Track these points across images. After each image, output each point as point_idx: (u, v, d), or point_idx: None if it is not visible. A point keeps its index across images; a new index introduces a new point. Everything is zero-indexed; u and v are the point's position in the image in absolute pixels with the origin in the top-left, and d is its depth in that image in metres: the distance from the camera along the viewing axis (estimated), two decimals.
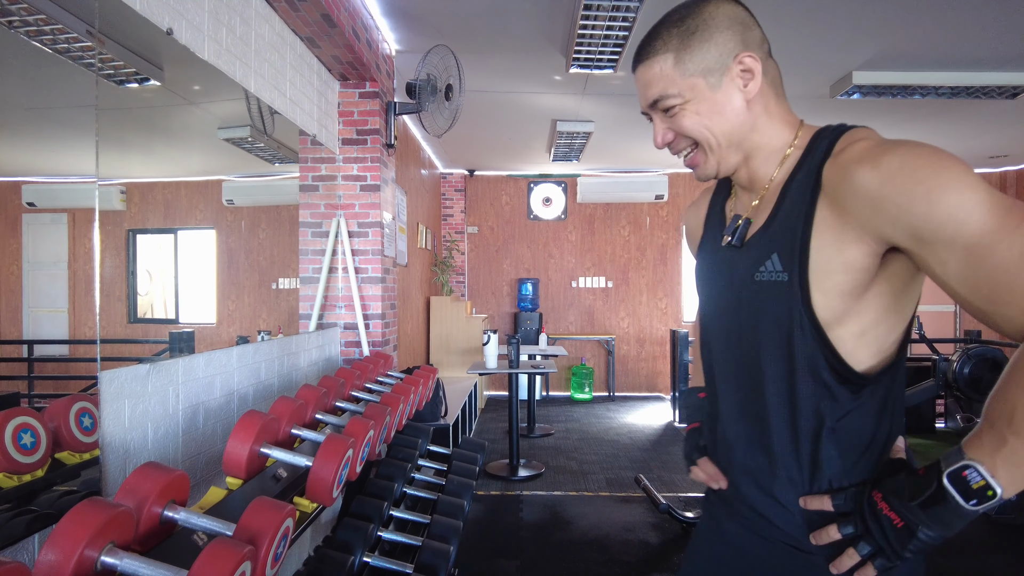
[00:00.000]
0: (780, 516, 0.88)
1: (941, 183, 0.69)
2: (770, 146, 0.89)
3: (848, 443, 0.83)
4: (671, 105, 0.87)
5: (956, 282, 0.71)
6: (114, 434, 1.33)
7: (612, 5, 2.77)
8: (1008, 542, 3.19)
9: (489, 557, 2.96)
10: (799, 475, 0.86)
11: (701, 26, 0.85)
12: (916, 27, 3.18)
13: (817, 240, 0.79)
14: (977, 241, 0.68)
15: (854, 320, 0.80)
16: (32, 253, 1.44)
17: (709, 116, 0.86)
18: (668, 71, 0.86)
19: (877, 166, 0.74)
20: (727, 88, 0.86)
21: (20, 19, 1.23)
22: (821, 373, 0.82)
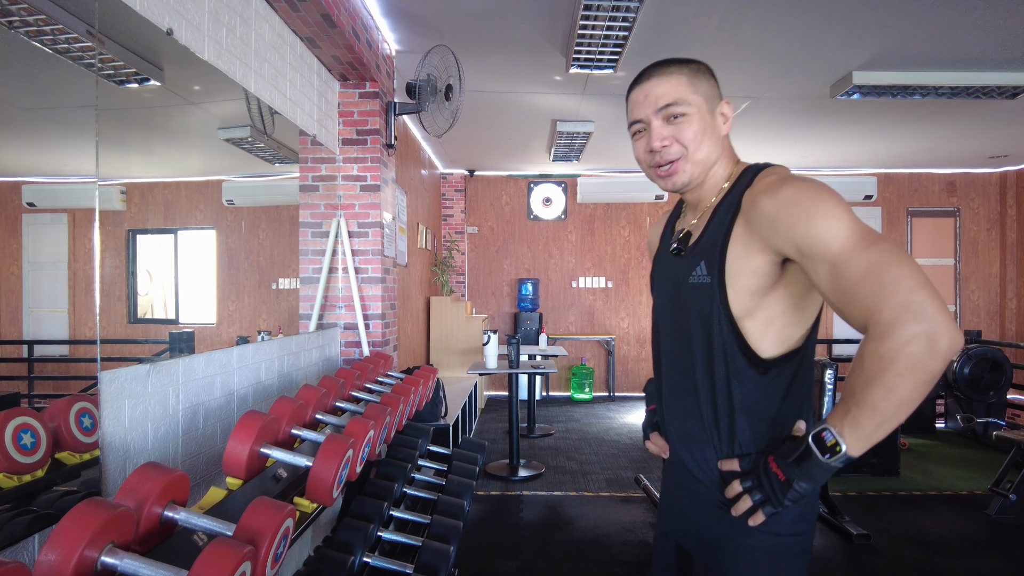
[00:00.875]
0: (706, 476, 1.10)
1: (818, 212, 0.91)
2: (718, 176, 1.12)
3: (756, 418, 1.04)
4: (681, 112, 1.07)
5: (824, 287, 0.92)
6: (114, 434, 1.33)
7: (612, 5, 2.77)
8: (1008, 542, 3.18)
9: (489, 557, 2.96)
10: (719, 443, 1.08)
11: (703, 71, 1.10)
12: (916, 27, 3.18)
13: (732, 250, 1.02)
14: (837, 258, 0.89)
15: (760, 314, 1.01)
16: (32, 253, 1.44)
17: (703, 133, 1.08)
18: (684, 85, 1.07)
19: (775, 196, 0.97)
20: (716, 120, 1.10)
21: (20, 19, 1.23)
22: (734, 358, 1.03)
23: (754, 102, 4.48)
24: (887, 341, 0.82)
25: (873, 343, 0.84)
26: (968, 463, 4.60)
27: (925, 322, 0.80)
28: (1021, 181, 6.92)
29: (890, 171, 7.05)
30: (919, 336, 0.80)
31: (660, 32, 3.23)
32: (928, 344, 0.80)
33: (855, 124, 5.05)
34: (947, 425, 5.63)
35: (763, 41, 3.37)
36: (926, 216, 7.15)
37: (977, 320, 7.11)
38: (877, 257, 0.86)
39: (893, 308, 0.82)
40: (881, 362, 0.82)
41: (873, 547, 3.08)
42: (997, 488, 3.55)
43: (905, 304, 0.81)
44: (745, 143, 5.69)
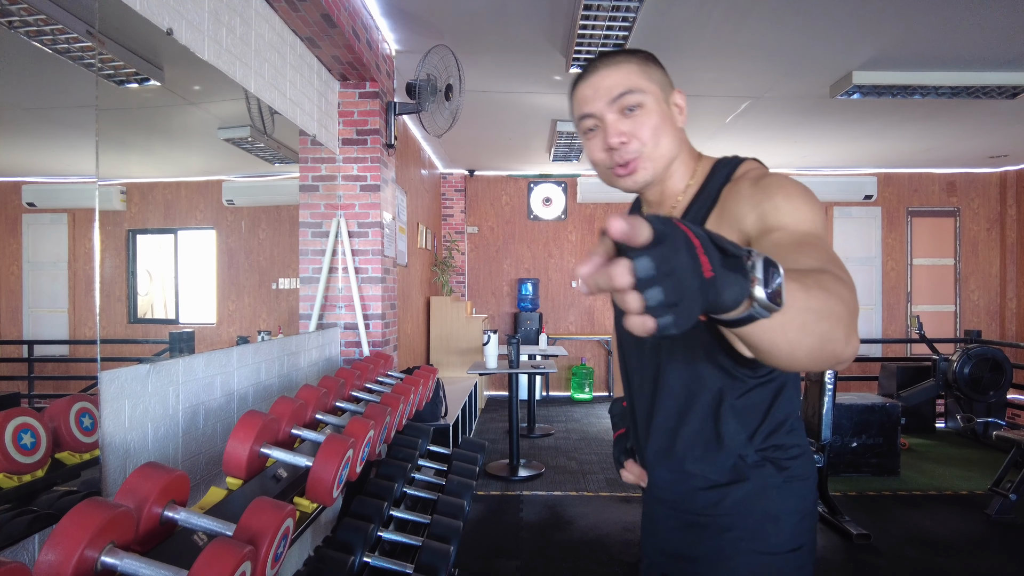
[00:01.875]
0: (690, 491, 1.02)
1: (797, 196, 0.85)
2: (679, 174, 1.02)
3: (748, 415, 0.97)
4: (637, 103, 0.96)
5: (775, 242, 0.80)
6: (114, 434, 1.33)
7: (612, 5, 2.77)
8: (1008, 542, 3.18)
9: (489, 557, 2.96)
10: (702, 450, 1.00)
11: (652, 59, 1.00)
12: (916, 27, 3.18)
13: None
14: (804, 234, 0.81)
15: None
16: (32, 253, 1.44)
17: (661, 126, 0.97)
18: (635, 73, 0.97)
19: (757, 181, 0.90)
20: (672, 110, 1.00)
21: (20, 19, 1.23)
22: (719, 359, 0.95)
23: (754, 102, 4.48)
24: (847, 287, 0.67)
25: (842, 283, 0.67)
26: (968, 463, 4.60)
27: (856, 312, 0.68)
28: (1021, 181, 6.92)
29: (890, 171, 7.05)
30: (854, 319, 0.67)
31: (660, 32, 3.23)
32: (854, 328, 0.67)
33: (855, 124, 5.05)
34: (947, 425, 5.63)
35: (763, 41, 3.37)
36: (926, 216, 7.15)
37: (977, 320, 7.11)
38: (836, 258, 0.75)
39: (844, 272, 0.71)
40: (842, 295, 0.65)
41: (873, 547, 3.08)
42: (997, 488, 3.56)
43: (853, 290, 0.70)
44: (745, 143, 5.69)
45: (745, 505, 0.98)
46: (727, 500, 0.99)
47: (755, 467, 0.98)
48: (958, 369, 4.92)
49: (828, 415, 3.31)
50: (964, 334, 5.94)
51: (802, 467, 1.00)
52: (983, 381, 4.90)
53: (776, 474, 0.98)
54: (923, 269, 7.16)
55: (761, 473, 0.98)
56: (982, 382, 4.90)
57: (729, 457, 0.98)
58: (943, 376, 5.04)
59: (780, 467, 0.98)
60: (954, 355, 5.03)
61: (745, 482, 0.98)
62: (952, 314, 7.16)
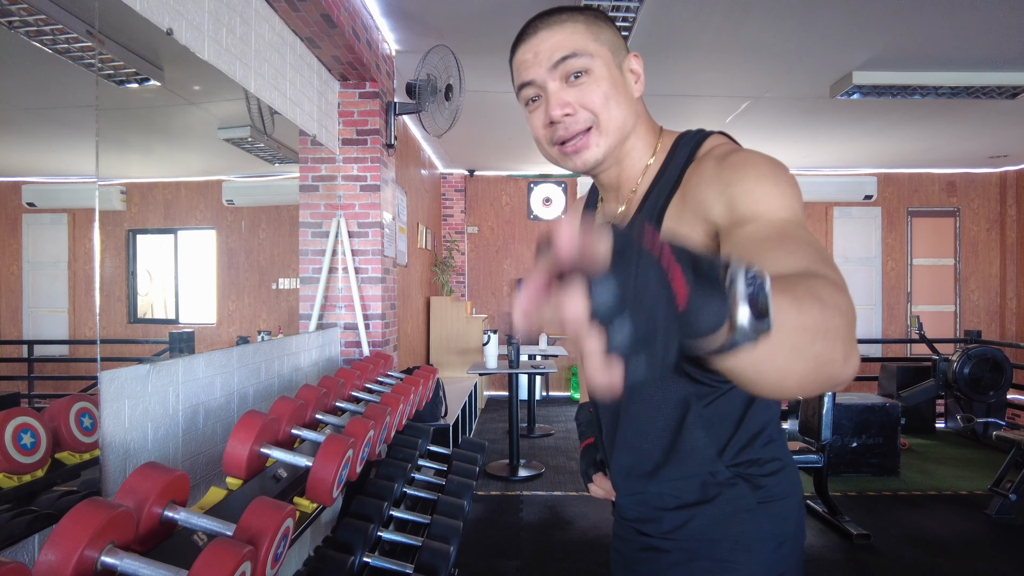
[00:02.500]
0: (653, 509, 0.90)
1: (771, 176, 0.72)
2: (638, 151, 0.89)
3: (718, 426, 0.85)
4: (583, 68, 0.82)
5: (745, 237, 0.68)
6: (114, 434, 1.33)
7: (612, 5, 2.77)
8: (1008, 542, 3.18)
9: (489, 557, 2.96)
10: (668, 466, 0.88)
11: (603, 17, 0.86)
12: (916, 27, 3.18)
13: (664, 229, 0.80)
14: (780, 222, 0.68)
15: None
16: (32, 253, 1.44)
17: (612, 94, 0.83)
18: (582, 34, 0.82)
19: (723, 159, 0.77)
20: (626, 77, 0.86)
21: (20, 19, 1.23)
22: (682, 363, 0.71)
23: (754, 102, 4.48)
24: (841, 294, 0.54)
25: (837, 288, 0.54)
26: (968, 463, 4.60)
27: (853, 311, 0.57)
28: (1021, 181, 6.92)
29: (890, 171, 7.05)
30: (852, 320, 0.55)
31: (660, 32, 3.23)
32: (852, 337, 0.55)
33: (855, 124, 5.05)
34: (947, 425, 5.63)
35: (763, 41, 3.37)
36: (926, 216, 7.15)
37: (977, 320, 7.11)
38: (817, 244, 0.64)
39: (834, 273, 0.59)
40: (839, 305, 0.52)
41: (873, 547, 3.08)
42: (997, 488, 3.56)
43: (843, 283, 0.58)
44: (745, 143, 5.65)
45: (714, 530, 0.86)
46: (693, 523, 0.87)
47: (726, 485, 0.86)
48: (958, 369, 4.92)
49: (828, 415, 3.31)
50: (964, 334, 5.94)
51: (782, 484, 0.87)
52: (983, 381, 4.90)
53: (750, 494, 0.86)
54: (923, 269, 7.17)
55: (732, 493, 0.86)
56: (982, 382, 4.90)
57: (697, 474, 0.87)
58: (943, 376, 5.04)
59: (755, 485, 0.86)
60: (954, 355, 5.03)
61: (713, 503, 0.86)
62: (952, 314, 7.16)
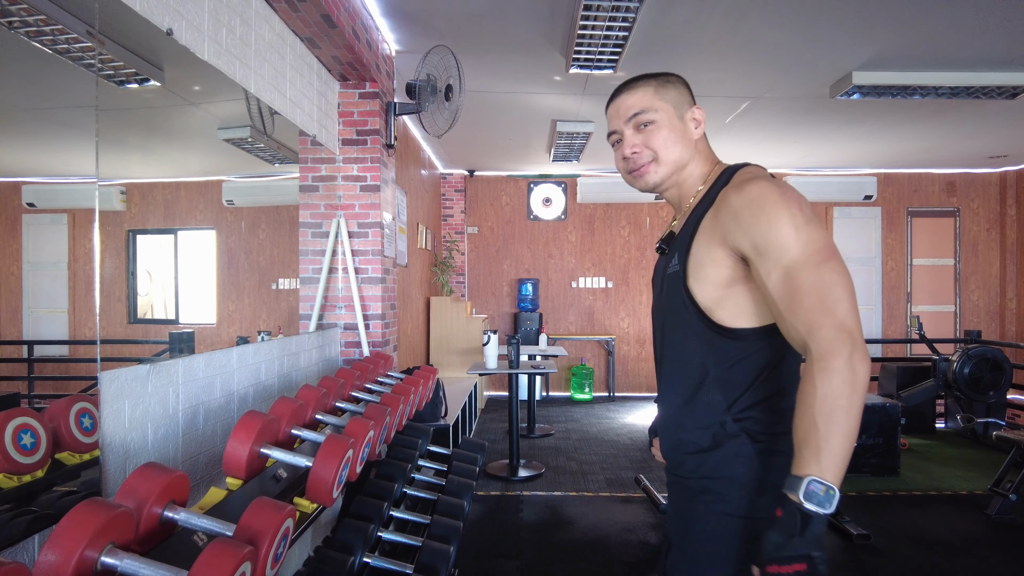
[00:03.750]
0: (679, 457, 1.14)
1: (781, 217, 0.98)
2: (694, 176, 1.20)
3: (731, 387, 1.07)
4: (649, 120, 1.16)
5: (773, 290, 0.99)
6: (114, 434, 1.33)
7: (612, 5, 2.77)
8: (1008, 542, 3.18)
9: (489, 557, 2.96)
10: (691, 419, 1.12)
11: (672, 81, 1.20)
12: (916, 27, 3.18)
13: (698, 241, 1.09)
14: (791, 266, 0.97)
15: (730, 303, 1.06)
16: (32, 253, 1.44)
17: (671, 139, 1.17)
18: (649, 95, 1.17)
19: (741, 192, 1.04)
20: (686, 124, 1.18)
21: (20, 19, 1.23)
22: (704, 333, 1.08)
23: (754, 102, 4.48)
24: (833, 374, 0.90)
25: (822, 377, 0.91)
26: (968, 463, 4.60)
27: (851, 341, 0.91)
28: (1021, 181, 6.92)
29: (890, 171, 7.06)
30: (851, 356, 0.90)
31: (660, 32, 3.23)
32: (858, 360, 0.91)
33: (855, 124, 5.05)
34: (947, 425, 5.63)
35: (763, 41, 3.37)
36: (926, 216, 7.15)
37: (977, 320, 7.11)
38: (825, 276, 0.95)
39: (831, 328, 0.92)
40: (835, 395, 0.89)
41: (873, 547, 3.08)
42: (997, 488, 3.55)
43: (840, 324, 0.92)
44: (745, 143, 5.69)
45: (718, 469, 1.08)
46: (706, 464, 1.09)
47: (731, 436, 1.07)
48: (958, 369, 4.92)
49: None
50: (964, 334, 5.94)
51: (784, 445, 1.03)
52: (983, 381, 4.90)
53: (748, 444, 1.06)
54: (923, 269, 7.16)
55: (735, 442, 1.07)
56: (982, 382, 4.90)
57: (711, 424, 1.09)
58: (943, 376, 5.03)
59: (754, 439, 1.06)
60: (954, 355, 5.03)
61: (720, 448, 1.08)
62: (952, 314, 7.16)
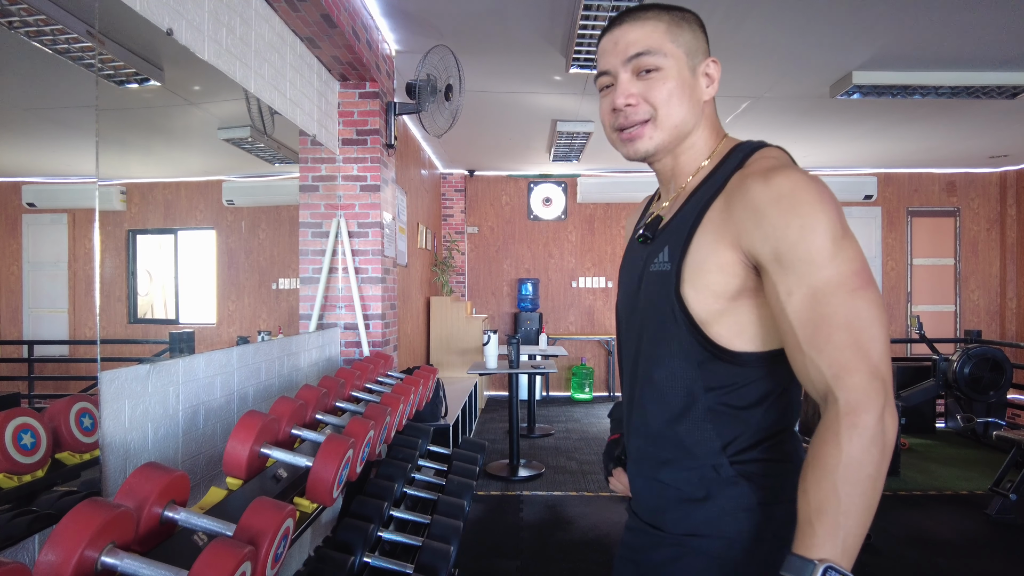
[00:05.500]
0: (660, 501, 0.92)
1: (815, 223, 0.76)
2: (697, 148, 0.94)
3: (727, 420, 0.86)
4: (654, 66, 0.89)
5: (793, 315, 0.77)
6: (114, 434, 1.33)
7: (612, 5, 2.77)
8: (1008, 542, 3.18)
9: (489, 557, 2.96)
10: (674, 458, 0.89)
11: (689, 20, 0.93)
12: (916, 27, 3.18)
13: (700, 237, 0.85)
14: (822, 287, 0.76)
15: (730, 319, 0.84)
16: (32, 253, 1.44)
17: (678, 95, 0.90)
18: (661, 34, 0.90)
19: (769, 183, 0.80)
20: (697, 79, 0.92)
21: (20, 19, 1.23)
22: (694, 352, 0.85)
23: (754, 102, 4.48)
24: (863, 433, 0.71)
25: (850, 437, 0.71)
26: (968, 463, 4.60)
27: (885, 394, 0.73)
28: (1021, 181, 6.92)
29: (890, 171, 7.06)
30: (883, 412, 0.72)
31: None
32: (889, 419, 0.73)
33: (855, 124, 5.05)
34: (947, 425, 5.63)
35: (763, 41, 3.37)
36: (926, 216, 7.15)
37: (977, 320, 7.11)
38: (862, 308, 0.75)
39: (864, 376, 0.73)
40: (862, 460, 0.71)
41: (873, 547, 3.08)
42: (997, 488, 3.56)
43: (874, 371, 0.73)
44: None
45: (711, 526, 0.86)
46: (693, 517, 0.88)
47: (728, 483, 0.86)
48: (958, 369, 4.92)
49: None
50: (964, 334, 5.94)
51: (787, 493, 0.82)
52: (983, 381, 4.90)
53: (749, 493, 0.85)
54: (923, 269, 7.16)
55: (733, 491, 0.86)
56: (982, 382, 4.90)
57: (701, 467, 0.87)
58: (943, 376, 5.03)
59: (758, 486, 0.85)
60: (954, 355, 5.03)
61: (714, 499, 0.86)
62: (952, 314, 7.16)
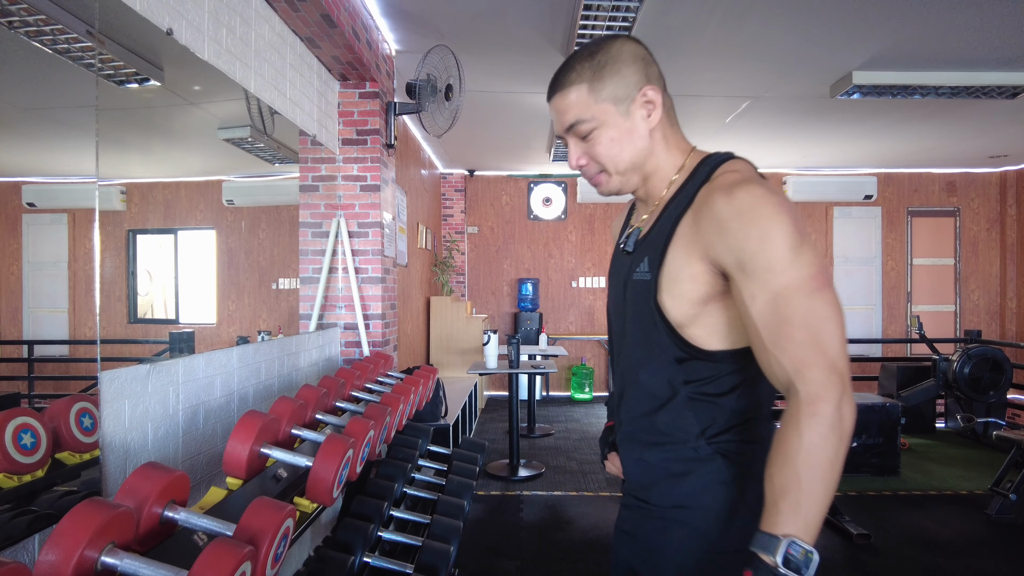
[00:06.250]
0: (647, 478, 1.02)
1: (773, 234, 0.84)
2: (664, 169, 1.01)
3: (704, 409, 0.96)
4: (587, 130, 0.98)
5: (756, 316, 0.86)
6: (114, 434, 1.33)
7: (612, 5, 2.77)
8: (1008, 542, 3.18)
9: (489, 557, 2.96)
10: (660, 440, 1.00)
11: (610, 61, 0.96)
12: (916, 27, 3.18)
13: (673, 250, 0.94)
14: (781, 291, 0.84)
15: (704, 321, 0.93)
16: (32, 253, 1.44)
17: (619, 142, 0.98)
18: (583, 98, 0.97)
19: (731, 198, 0.87)
20: (634, 116, 0.98)
21: (20, 19, 1.23)
22: (673, 351, 0.95)
23: (754, 102, 4.48)
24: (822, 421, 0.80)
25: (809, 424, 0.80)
26: (968, 463, 4.60)
27: (842, 386, 0.81)
28: (1021, 181, 6.92)
29: (890, 171, 7.06)
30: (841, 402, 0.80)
31: (660, 32, 3.23)
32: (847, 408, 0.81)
33: (855, 124, 5.05)
34: (947, 425, 5.63)
35: (763, 41, 3.37)
36: (926, 216, 7.15)
37: (977, 320, 7.11)
38: (819, 308, 0.83)
39: (823, 369, 0.81)
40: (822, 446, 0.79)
41: (873, 547, 3.08)
42: (997, 488, 3.56)
43: (832, 365, 0.81)
44: (745, 143, 5.69)
45: (692, 498, 0.96)
46: (676, 491, 0.98)
47: (705, 460, 0.96)
48: (958, 369, 4.92)
49: None
50: (964, 334, 5.94)
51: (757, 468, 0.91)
52: (983, 381, 4.90)
53: (724, 468, 0.95)
54: (923, 269, 7.17)
55: (710, 466, 0.95)
56: (982, 382, 4.90)
57: (683, 449, 0.97)
58: (943, 376, 5.03)
59: (731, 462, 0.95)
60: (954, 355, 5.03)
61: (694, 474, 0.96)
62: (952, 314, 7.16)
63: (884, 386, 5.77)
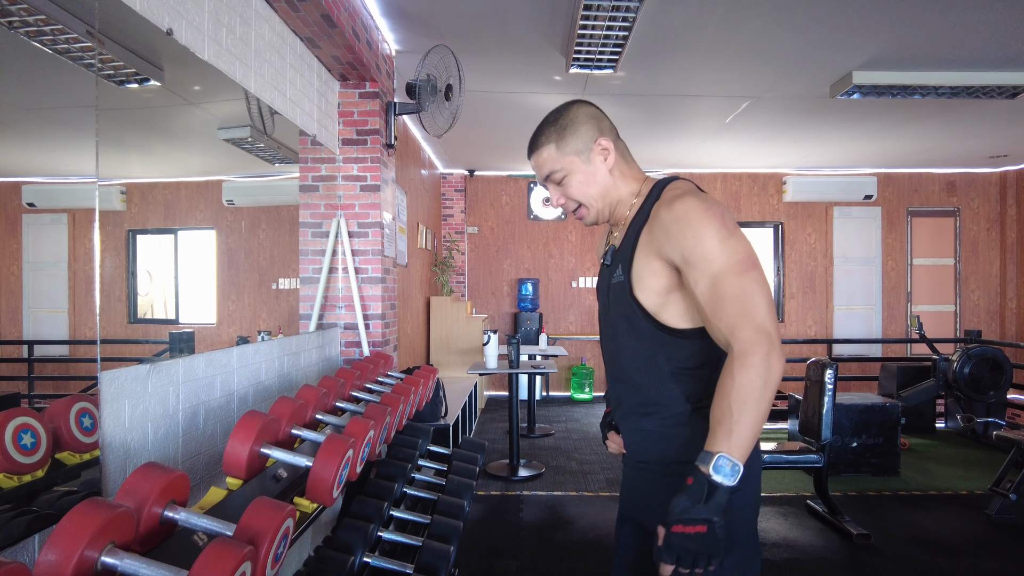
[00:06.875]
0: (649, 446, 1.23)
1: (704, 232, 1.08)
2: (625, 197, 1.28)
3: (687, 379, 1.18)
4: (560, 177, 1.27)
5: (701, 297, 1.08)
6: (114, 434, 1.33)
7: (612, 5, 2.77)
8: (1008, 542, 3.19)
9: (489, 557, 2.96)
10: (656, 408, 1.21)
11: (569, 124, 1.26)
12: (916, 27, 3.18)
13: (638, 254, 1.18)
14: (716, 275, 1.07)
15: (672, 307, 1.16)
16: (32, 253, 1.44)
17: (586, 184, 1.26)
18: (553, 154, 1.27)
19: (671, 209, 1.12)
20: (594, 162, 1.26)
21: (20, 19, 1.23)
22: (655, 335, 1.18)
23: (754, 102, 4.48)
24: (750, 368, 1.01)
25: (740, 370, 1.01)
26: (968, 463, 4.60)
27: (769, 342, 1.02)
28: (1021, 181, 6.92)
29: (890, 171, 7.06)
30: (768, 354, 1.01)
31: (660, 32, 3.23)
32: (774, 359, 1.02)
33: (855, 124, 5.05)
34: (947, 425, 5.63)
35: (763, 41, 3.37)
36: (926, 216, 7.15)
37: (977, 320, 7.11)
38: (747, 284, 1.05)
39: (750, 330, 1.03)
40: (749, 386, 1.00)
41: (873, 547, 3.08)
42: (997, 488, 3.55)
43: (759, 327, 1.03)
44: (745, 143, 5.69)
45: (683, 452, 1.14)
46: (671, 449, 1.18)
47: (691, 422, 1.17)
48: (958, 369, 4.92)
49: (828, 415, 3.31)
50: (964, 334, 5.94)
51: None
52: (983, 381, 4.90)
53: (703, 424, 1.13)
54: (923, 269, 7.16)
55: (694, 425, 1.16)
56: (982, 382, 4.90)
57: (674, 414, 1.19)
58: (943, 376, 5.03)
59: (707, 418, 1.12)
60: (954, 355, 5.03)
61: (683, 432, 1.18)
62: (952, 314, 7.16)
63: (884, 386, 5.77)
